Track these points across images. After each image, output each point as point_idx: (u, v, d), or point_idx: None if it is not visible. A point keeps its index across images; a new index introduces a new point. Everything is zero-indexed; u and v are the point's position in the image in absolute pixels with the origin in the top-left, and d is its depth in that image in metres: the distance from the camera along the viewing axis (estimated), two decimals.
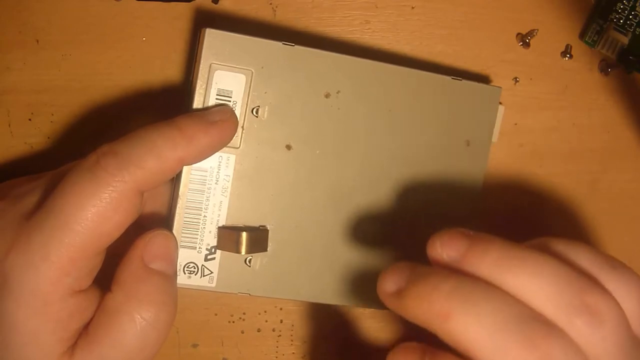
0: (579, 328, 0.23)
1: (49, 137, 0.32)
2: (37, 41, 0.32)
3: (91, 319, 0.26)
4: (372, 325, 0.36)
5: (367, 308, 0.32)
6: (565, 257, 0.25)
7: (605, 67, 0.36)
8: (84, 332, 0.26)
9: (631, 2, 0.35)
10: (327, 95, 0.30)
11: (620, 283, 0.25)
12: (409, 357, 0.24)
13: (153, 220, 0.29)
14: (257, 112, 0.29)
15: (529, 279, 0.23)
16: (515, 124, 0.36)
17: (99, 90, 0.32)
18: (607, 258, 0.26)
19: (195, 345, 0.34)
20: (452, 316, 0.23)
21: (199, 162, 0.28)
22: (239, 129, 0.29)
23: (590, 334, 0.23)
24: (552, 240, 0.26)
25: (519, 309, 0.23)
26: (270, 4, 0.33)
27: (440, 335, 0.23)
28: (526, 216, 0.37)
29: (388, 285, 0.25)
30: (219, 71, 0.29)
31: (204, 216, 0.29)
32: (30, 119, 0.32)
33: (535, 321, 0.23)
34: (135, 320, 0.26)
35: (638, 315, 0.25)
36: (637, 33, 0.35)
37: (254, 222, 0.30)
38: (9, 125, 0.32)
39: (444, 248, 0.25)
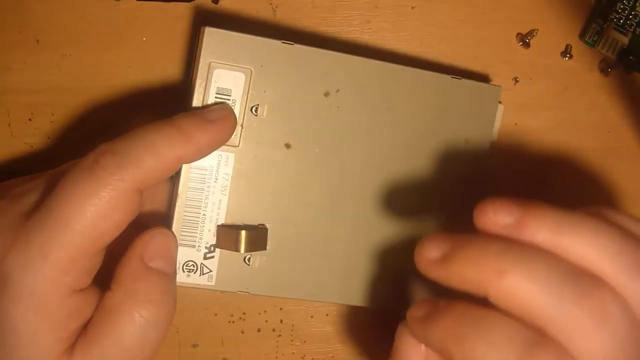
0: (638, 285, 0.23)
1: (49, 137, 0.32)
2: (37, 41, 0.32)
3: (90, 319, 0.26)
4: (372, 323, 0.35)
5: (367, 307, 0.32)
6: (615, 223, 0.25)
7: (605, 67, 0.36)
8: (83, 331, 0.26)
9: (631, 2, 0.35)
10: (326, 94, 0.30)
11: None
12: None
13: (152, 219, 0.29)
14: (256, 111, 0.29)
15: (588, 243, 0.23)
16: (515, 124, 0.36)
17: (99, 90, 0.32)
18: None
19: (195, 345, 0.34)
20: (506, 273, 0.22)
21: (198, 160, 0.28)
22: (238, 128, 0.29)
23: None
24: (603, 209, 0.26)
25: (570, 265, 0.23)
26: (270, 4, 0.33)
27: (491, 297, 0.23)
28: None
29: (431, 252, 0.25)
30: (218, 70, 0.29)
31: (203, 214, 0.29)
32: (30, 119, 0.32)
33: (586, 276, 0.23)
34: (135, 319, 0.26)
35: None
36: (637, 33, 0.35)
37: (253, 221, 0.30)
38: (9, 125, 0.32)
39: (498, 214, 0.24)
